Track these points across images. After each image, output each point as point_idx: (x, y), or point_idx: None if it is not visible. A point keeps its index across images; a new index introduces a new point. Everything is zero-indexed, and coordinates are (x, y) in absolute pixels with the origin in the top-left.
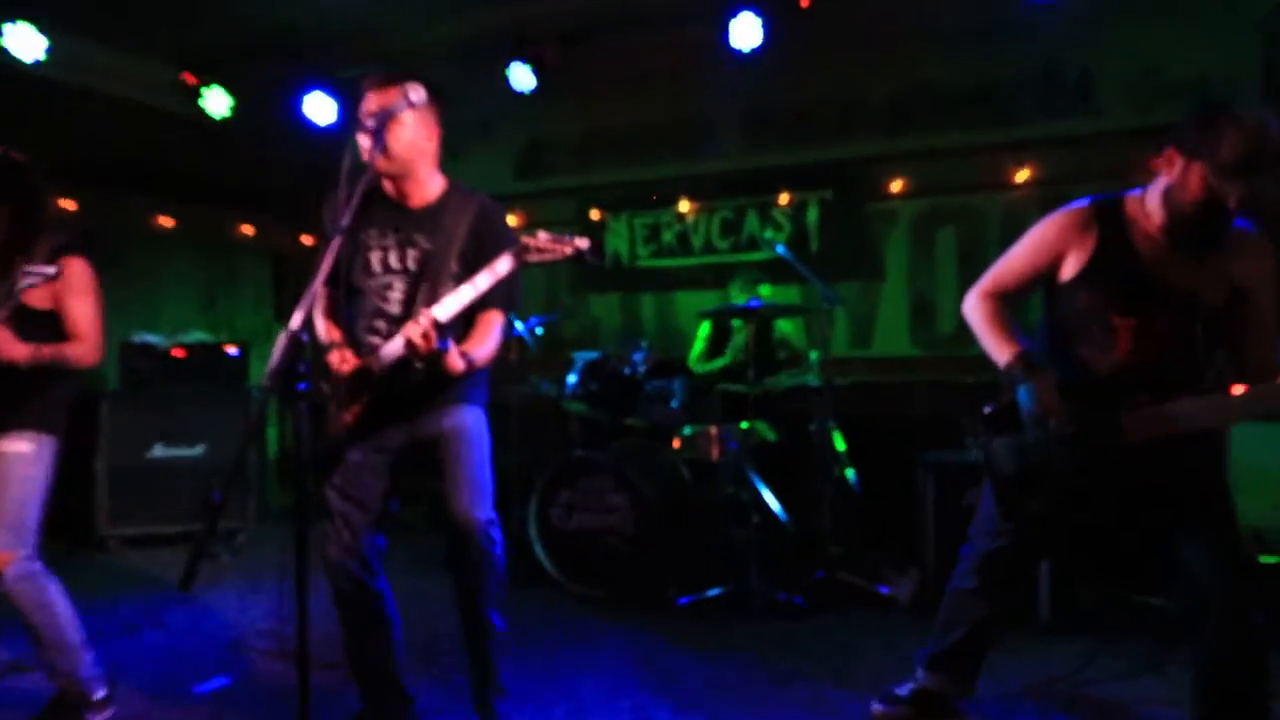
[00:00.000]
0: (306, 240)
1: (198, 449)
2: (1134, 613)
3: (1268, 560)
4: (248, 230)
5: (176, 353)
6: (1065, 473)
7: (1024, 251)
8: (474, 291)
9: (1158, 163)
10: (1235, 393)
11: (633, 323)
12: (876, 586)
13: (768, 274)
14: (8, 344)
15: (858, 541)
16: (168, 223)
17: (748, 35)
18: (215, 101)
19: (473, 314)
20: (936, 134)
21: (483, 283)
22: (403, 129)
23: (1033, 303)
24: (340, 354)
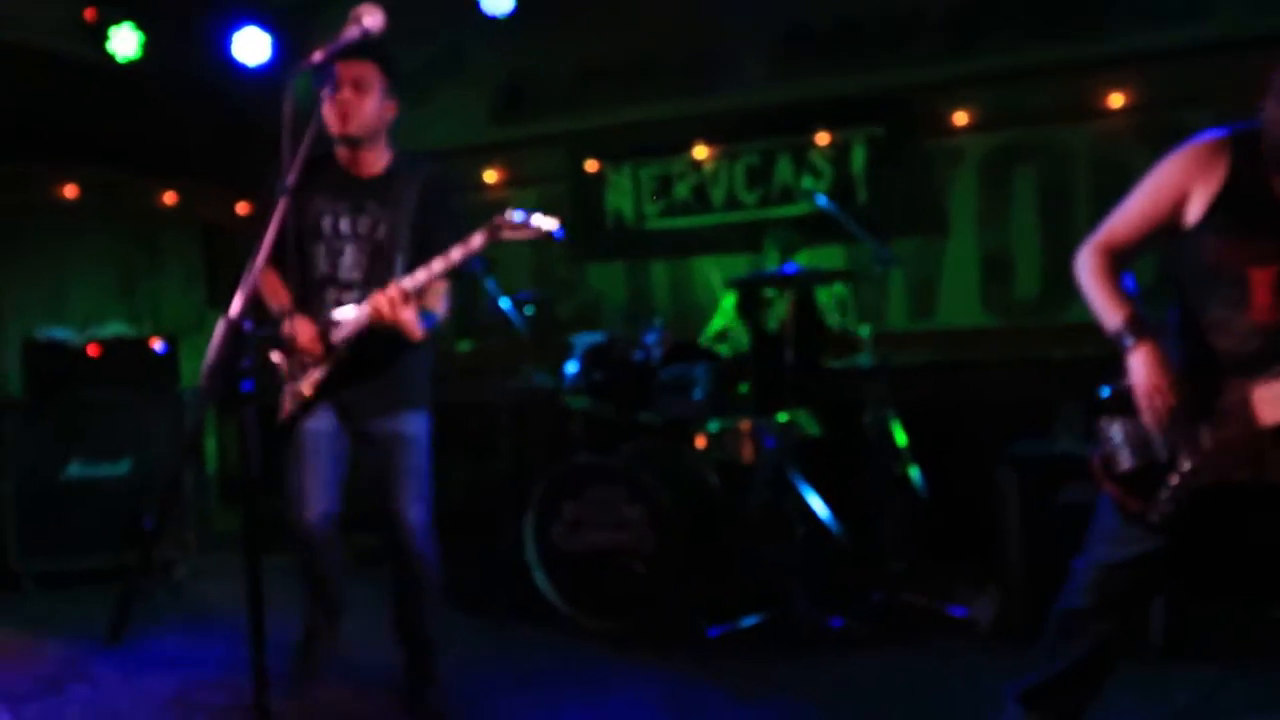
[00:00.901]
0: (242, 208)
1: (122, 465)
2: (1266, 631)
3: None
4: (170, 198)
5: (91, 350)
6: (1196, 468)
7: (1141, 194)
8: (445, 263)
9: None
10: None
11: (641, 297)
12: (949, 608)
13: (805, 232)
14: None
15: (925, 555)
16: (72, 192)
17: None
18: (123, 42)
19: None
20: (1011, 51)
21: (456, 255)
22: (372, 99)
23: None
24: (295, 323)
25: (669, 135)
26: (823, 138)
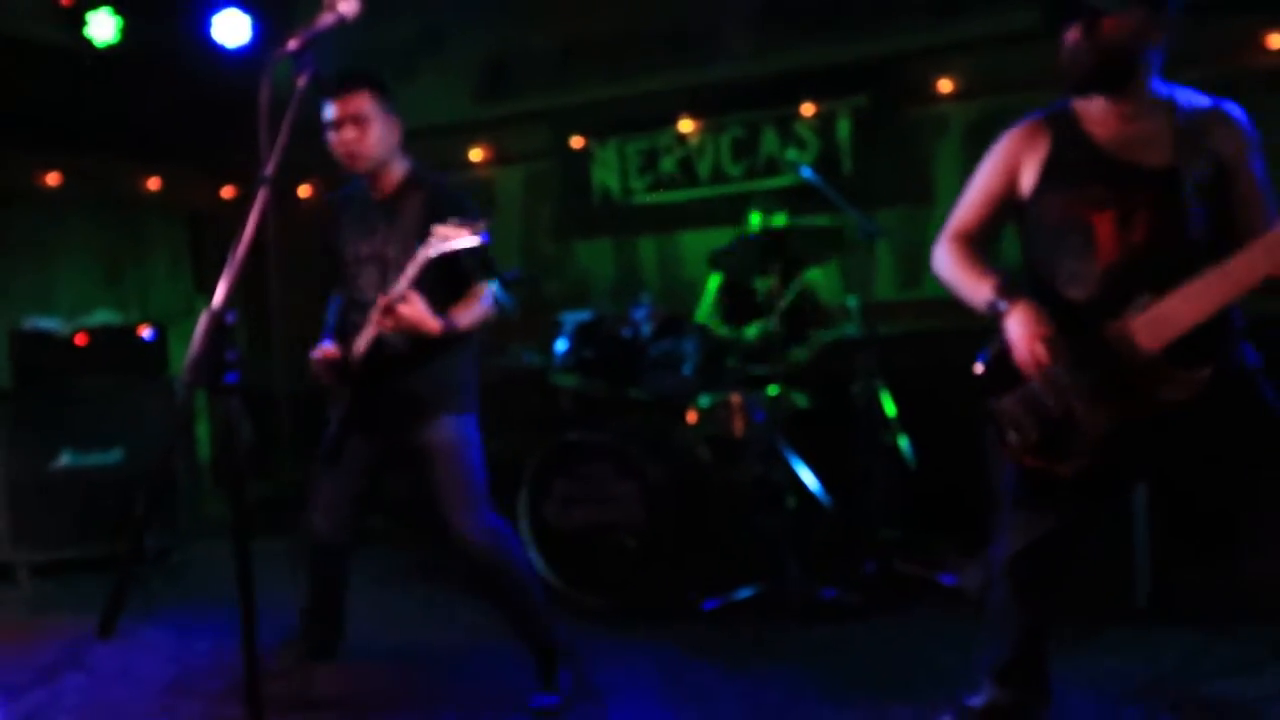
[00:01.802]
0: (227, 193)
1: (113, 454)
2: (1250, 592)
3: None
4: (154, 184)
5: (79, 339)
6: (1094, 416)
7: (978, 177)
8: (416, 267)
9: None
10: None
11: (630, 273)
12: (940, 576)
13: (789, 202)
14: None
15: (916, 523)
16: (55, 180)
17: None
18: (101, 26)
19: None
20: (997, 13)
21: (410, 271)
22: (374, 130)
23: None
24: (315, 351)
25: (654, 109)
26: (807, 109)
